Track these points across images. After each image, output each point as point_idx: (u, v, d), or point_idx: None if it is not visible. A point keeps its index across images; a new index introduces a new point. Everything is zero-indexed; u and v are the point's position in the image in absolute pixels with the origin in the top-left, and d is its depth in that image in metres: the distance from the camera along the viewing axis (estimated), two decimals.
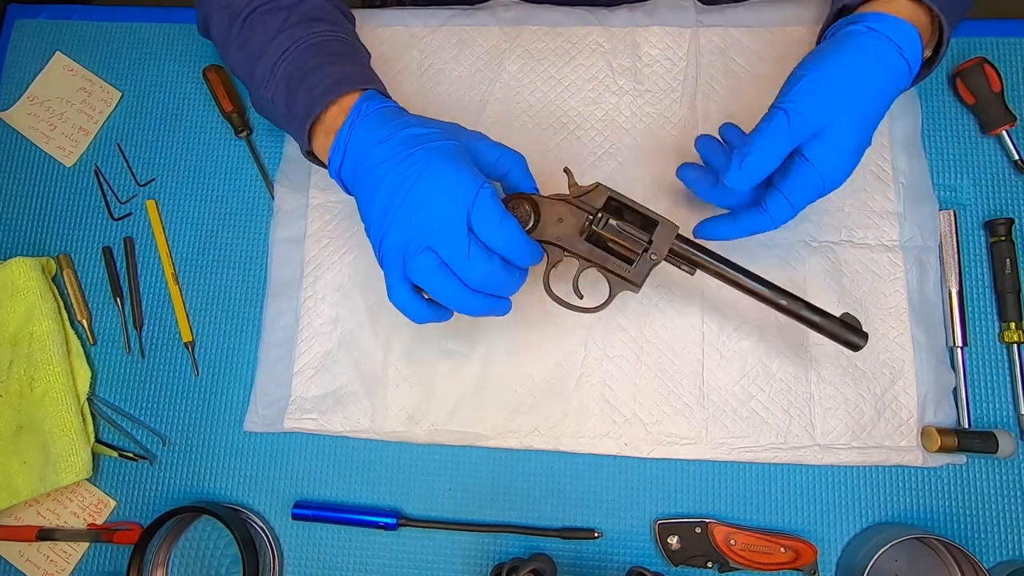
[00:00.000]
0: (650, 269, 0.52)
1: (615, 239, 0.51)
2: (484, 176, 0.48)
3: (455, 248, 0.46)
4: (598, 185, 0.53)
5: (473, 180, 0.47)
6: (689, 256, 0.52)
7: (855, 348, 0.52)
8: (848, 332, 0.51)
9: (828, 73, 0.47)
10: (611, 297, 0.53)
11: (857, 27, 0.50)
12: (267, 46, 0.56)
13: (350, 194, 0.53)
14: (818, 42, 0.57)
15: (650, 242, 0.51)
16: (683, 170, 0.58)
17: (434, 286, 0.47)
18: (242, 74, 0.59)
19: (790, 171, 0.49)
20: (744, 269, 0.52)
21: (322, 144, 0.53)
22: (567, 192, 0.53)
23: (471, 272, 0.46)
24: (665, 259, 0.52)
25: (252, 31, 0.57)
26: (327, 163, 0.53)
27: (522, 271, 0.50)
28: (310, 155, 0.56)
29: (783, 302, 0.51)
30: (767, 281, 0.52)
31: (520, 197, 0.53)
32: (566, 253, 0.53)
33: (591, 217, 0.52)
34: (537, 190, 0.54)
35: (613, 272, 0.52)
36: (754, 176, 0.47)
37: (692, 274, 0.53)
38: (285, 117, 0.56)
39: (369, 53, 0.64)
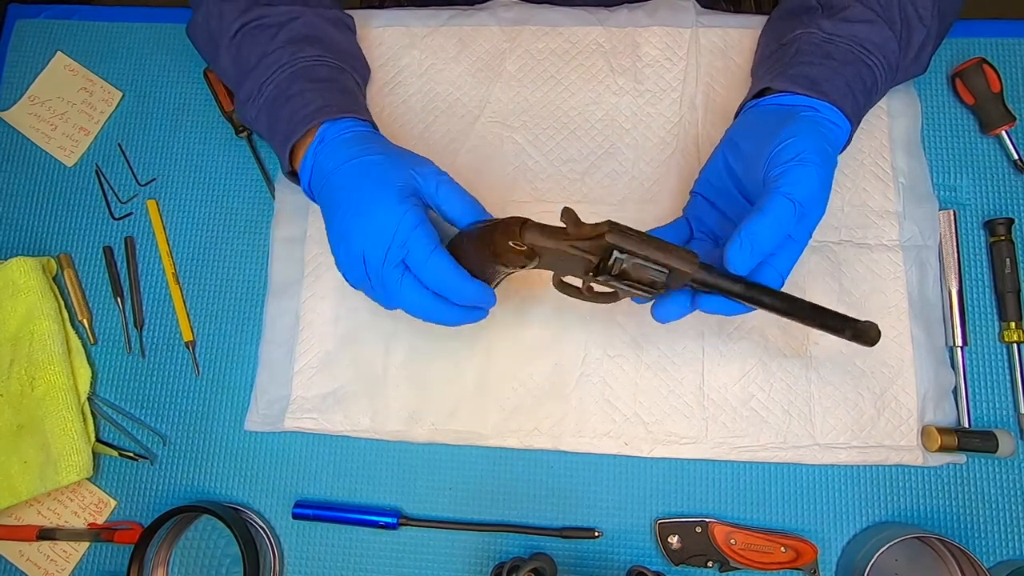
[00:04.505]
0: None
1: (622, 287, 0.48)
2: (420, 211, 0.50)
3: (389, 282, 0.50)
4: (603, 235, 0.46)
5: (404, 216, 0.49)
6: (712, 285, 0.48)
7: (870, 342, 0.50)
8: (862, 329, 0.50)
9: (820, 164, 0.48)
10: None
11: (812, 114, 0.52)
12: (255, 66, 0.57)
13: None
14: (739, 111, 0.58)
15: (663, 287, 0.48)
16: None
17: (387, 307, 0.52)
18: (230, 85, 0.61)
19: (778, 248, 0.50)
20: (763, 287, 0.49)
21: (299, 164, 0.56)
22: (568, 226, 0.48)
23: (405, 305, 0.50)
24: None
25: (241, 47, 0.58)
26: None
27: (464, 311, 0.51)
28: (291, 175, 0.58)
29: (809, 317, 0.50)
30: (788, 296, 0.49)
31: (516, 245, 0.48)
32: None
33: (594, 271, 0.47)
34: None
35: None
36: (757, 259, 0.47)
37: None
38: (267, 135, 0.58)
39: (367, 67, 0.65)
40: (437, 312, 0.51)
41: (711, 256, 0.55)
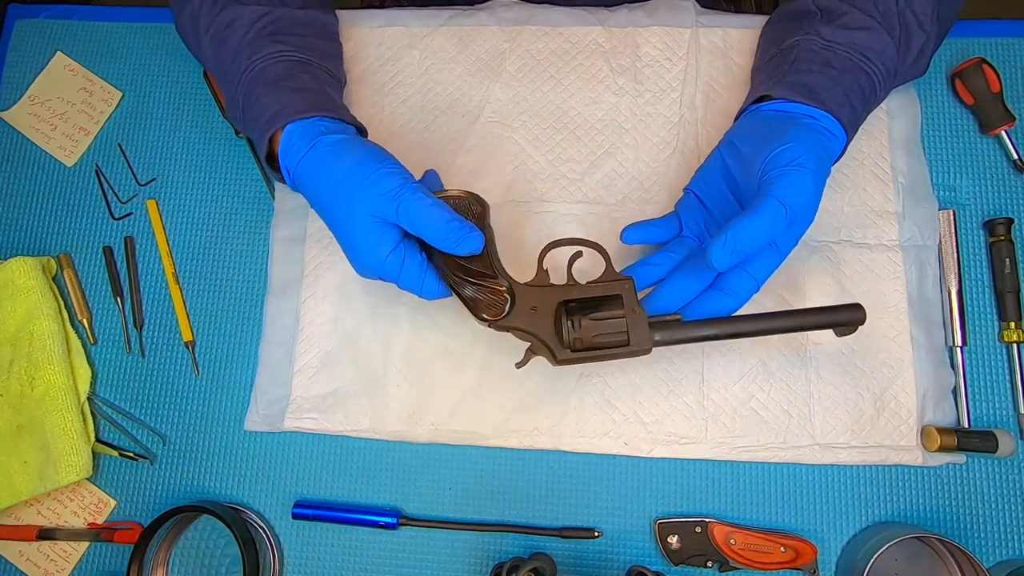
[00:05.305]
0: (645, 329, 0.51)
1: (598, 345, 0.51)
2: (399, 251, 0.51)
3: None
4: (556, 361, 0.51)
5: (384, 262, 0.50)
6: (674, 340, 0.51)
7: (857, 323, 0.51)
8: (844, 313, 0.51)
9: (816, 172, 0.48)
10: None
11: (812, 122, 0.52)
12: (227, 72, 0.57)
13: None
14: (738, 115, 0.58)
15: (628, 338, 0.50)
16: (630, 234, 0.58)
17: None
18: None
19: (759, 253, 0.50)
20: (715, 321, 0.51)
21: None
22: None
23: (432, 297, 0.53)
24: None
25: (219, 50, 0.58)
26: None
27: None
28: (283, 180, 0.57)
29: (777, 324, 0.51)
30: (751, 316, 0.51)
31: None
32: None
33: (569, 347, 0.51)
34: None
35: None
36: (737, 259, 0.47)
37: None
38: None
39: (339, 48, 0.64)
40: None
41: (693, 259, 0.56)
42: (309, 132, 0.52)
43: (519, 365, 0.53)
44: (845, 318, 0.52)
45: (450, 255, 0.51)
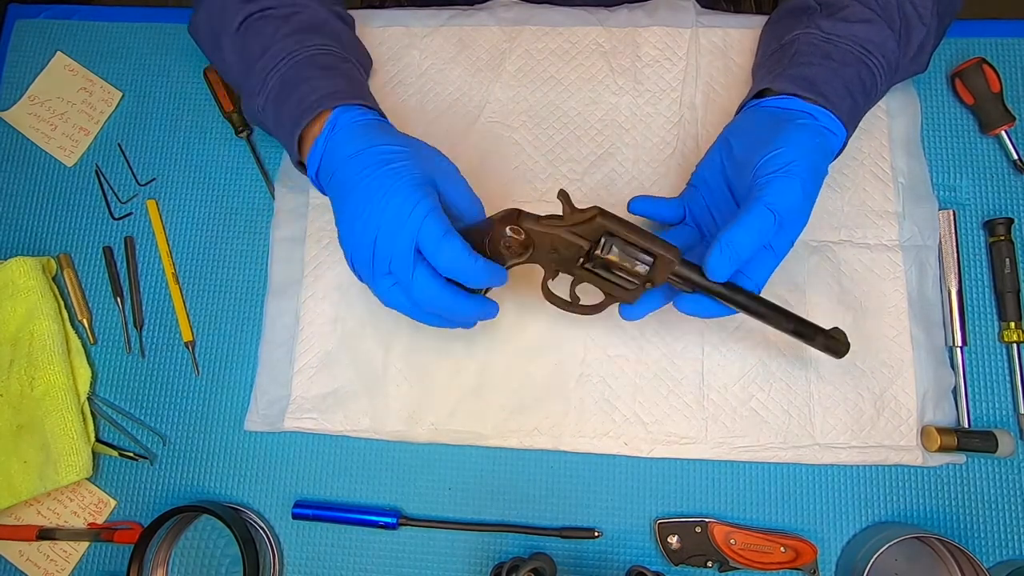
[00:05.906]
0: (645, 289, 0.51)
1: (610, 276, 0.51)
2: (434, 199, 0.50)
3: (401, 271, 0.49)
4: (595, 217, 0.49)
5: (419, 203, 0.48)
6: (690, 280, 0.50)
7: (838, 355, 0.52)
8: (836, 339, 0.52)
9: (805, 177, 0.48)
10: (608, 303, 0.53)
11: (808, 121, 0.52)
12: (260, 56, 0.57)
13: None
14: (738, 111, 0.58)
15: (648, 279, 0.50)
16: (637, 204, 0.59)
17: (394, 306, 0.51)
18: (235, 79, 0.60)
19: (754, 257, 0.50)
20: (739, 288, 0.51)
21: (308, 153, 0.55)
22: (561, 214, 0.51)
23: (418, 294, 0.49)
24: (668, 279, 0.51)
25: (247, 39, 0.57)
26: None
27: (480, 299, 0.52)
28: (300, 165, 0.57)
29: (782, 322, 0.51)
30: (768, 302, 0.51)
31: (514, 232, 0.50)
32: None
33: (584, 257, 0.51)
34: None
35: (610, 294, 0.52)
36: (736, 266, 0.48)
37: (690, 292, 0.51)
38: (274, 126, 0.57)
39: (370, 59, 0.65)
40: (449, 303, 0.49)
41: (695, 248, 0.56)
42: (367, 112, 0.55)
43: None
44: (833, 344, 0.52)
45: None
